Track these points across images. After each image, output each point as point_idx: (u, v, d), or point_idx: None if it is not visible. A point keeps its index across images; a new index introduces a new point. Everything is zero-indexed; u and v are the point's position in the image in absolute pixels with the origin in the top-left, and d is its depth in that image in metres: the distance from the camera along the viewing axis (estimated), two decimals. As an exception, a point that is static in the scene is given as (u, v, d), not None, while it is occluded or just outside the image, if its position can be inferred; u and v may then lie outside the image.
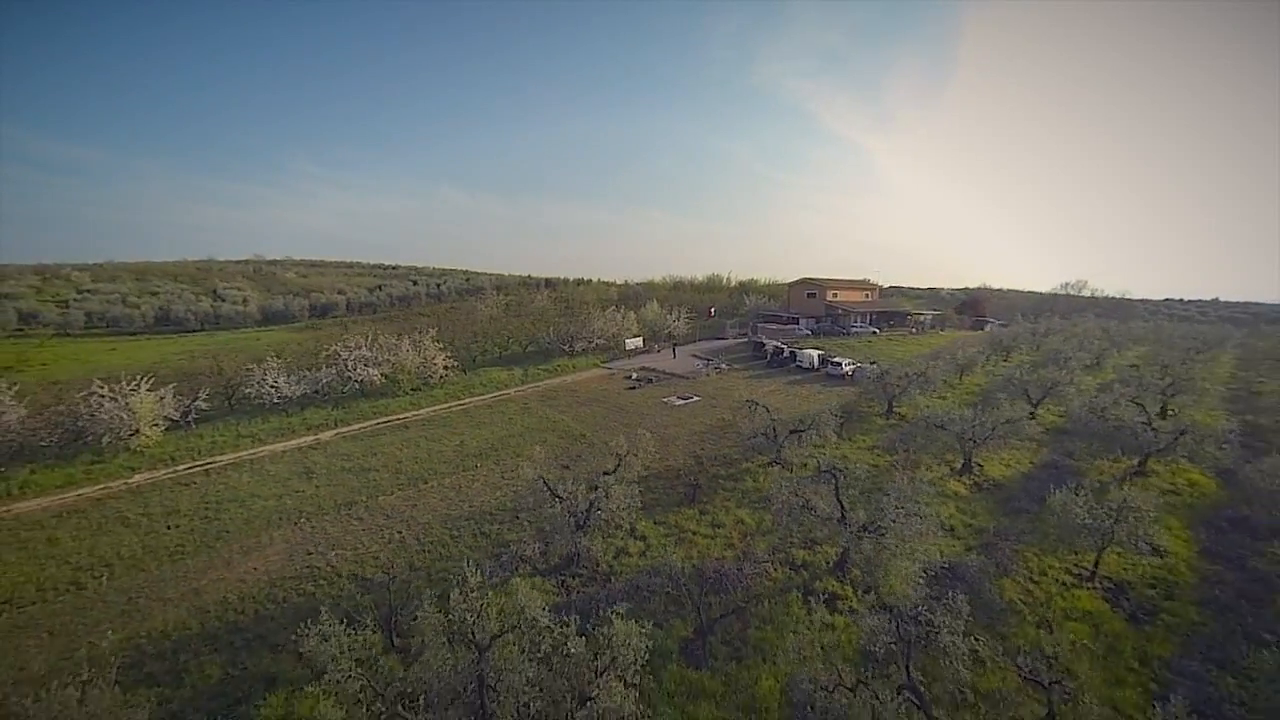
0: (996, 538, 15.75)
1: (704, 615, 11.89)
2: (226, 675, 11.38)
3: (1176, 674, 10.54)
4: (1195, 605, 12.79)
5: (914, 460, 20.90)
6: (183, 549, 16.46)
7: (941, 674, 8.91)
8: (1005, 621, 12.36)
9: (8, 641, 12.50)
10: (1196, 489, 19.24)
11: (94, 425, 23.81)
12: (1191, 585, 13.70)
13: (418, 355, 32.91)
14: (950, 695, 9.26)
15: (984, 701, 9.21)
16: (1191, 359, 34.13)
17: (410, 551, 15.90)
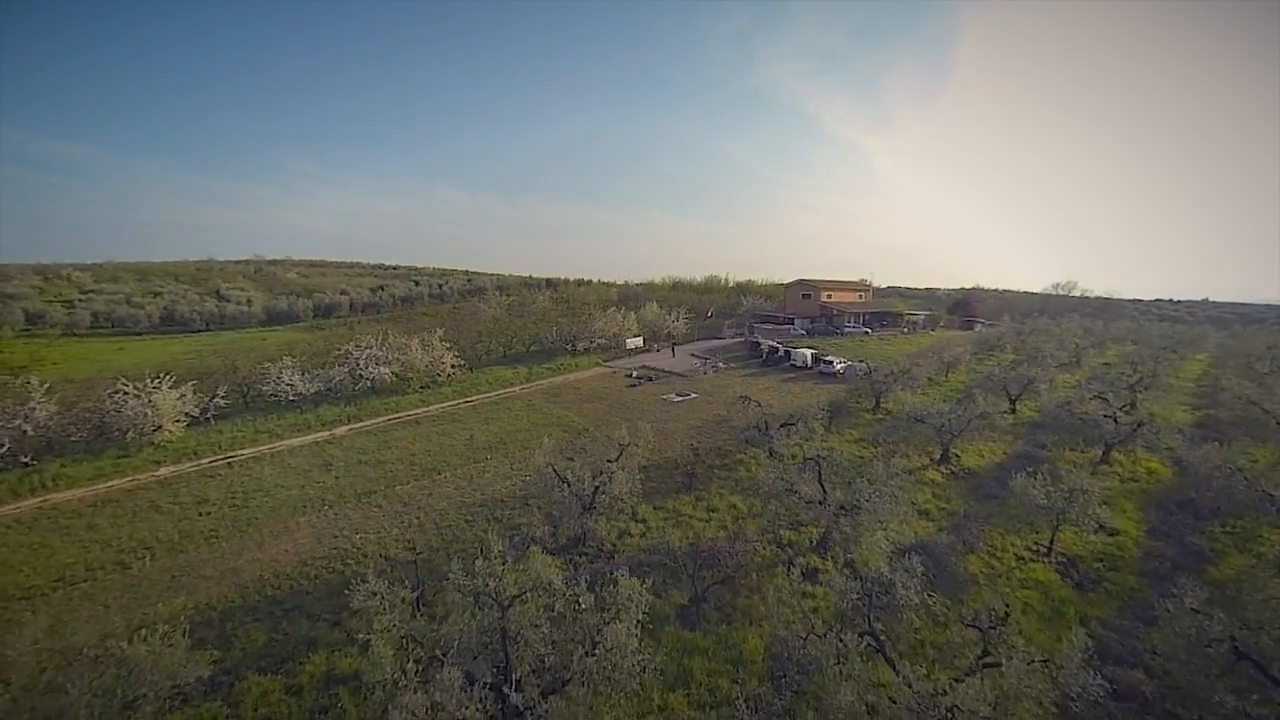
0: (966, 519, 17.25)
1: (698, 585, 13.31)
2: (271, 639, 12.72)
3: (1107, 629, 12.03)
4: (1135, 575, 14.28)
5: (895, 451, 22.38)
6: (216, 533, 17.77)
7: (900, 627, 10.35)
8: (966, 590, 13.82)
9: (70, 613, 13.82)
10: (1154, 476, 20.80)
11: (119, 421, 25.04)
12: (1135, 559, 15.20)
13: (426, 354, 34.21)
14: (908, 644, 10.69)
15: (936, 649, 10.65)
16: (1164, 358, 35.80)
17: (429, 534, 17.26)
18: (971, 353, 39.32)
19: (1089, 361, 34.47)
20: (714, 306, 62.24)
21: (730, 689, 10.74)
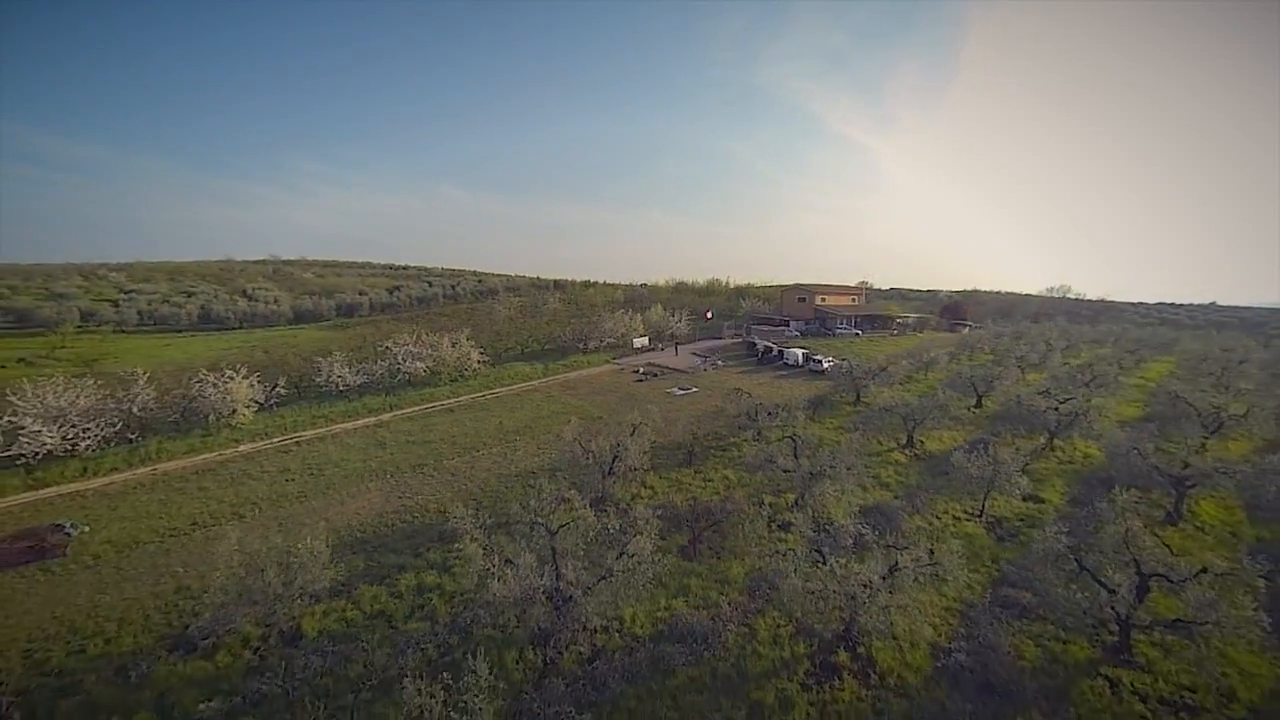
0: (918, 490, 20.92)
1: (695, 531, 17.11)
2: (369, 565, 16.61)
3: (1010, 565, 15.70)
4: (1053, 533, 17.87)
5: (868, 436, 26.05)
6: (304, 494, 21.78)
7: (844, 555, 14.04)
8: (908, 539, 17.49)
9: (214, 545, 17.83)
10: (1087, 458, 24.32)
11: (202, 406, 29.22)
12: (1050, 520, 18.79)
13: (455, 351, 38.22)
14: (843, 553, 14.39)
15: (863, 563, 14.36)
16: (1128, 360, 38.99)
17: (476, 497, 21.15)
18: (951, 354, 42.77)
19: (1054, 363, 37.78)
20: (714, 309, 65.93)
21: (718, 598, 14.52)
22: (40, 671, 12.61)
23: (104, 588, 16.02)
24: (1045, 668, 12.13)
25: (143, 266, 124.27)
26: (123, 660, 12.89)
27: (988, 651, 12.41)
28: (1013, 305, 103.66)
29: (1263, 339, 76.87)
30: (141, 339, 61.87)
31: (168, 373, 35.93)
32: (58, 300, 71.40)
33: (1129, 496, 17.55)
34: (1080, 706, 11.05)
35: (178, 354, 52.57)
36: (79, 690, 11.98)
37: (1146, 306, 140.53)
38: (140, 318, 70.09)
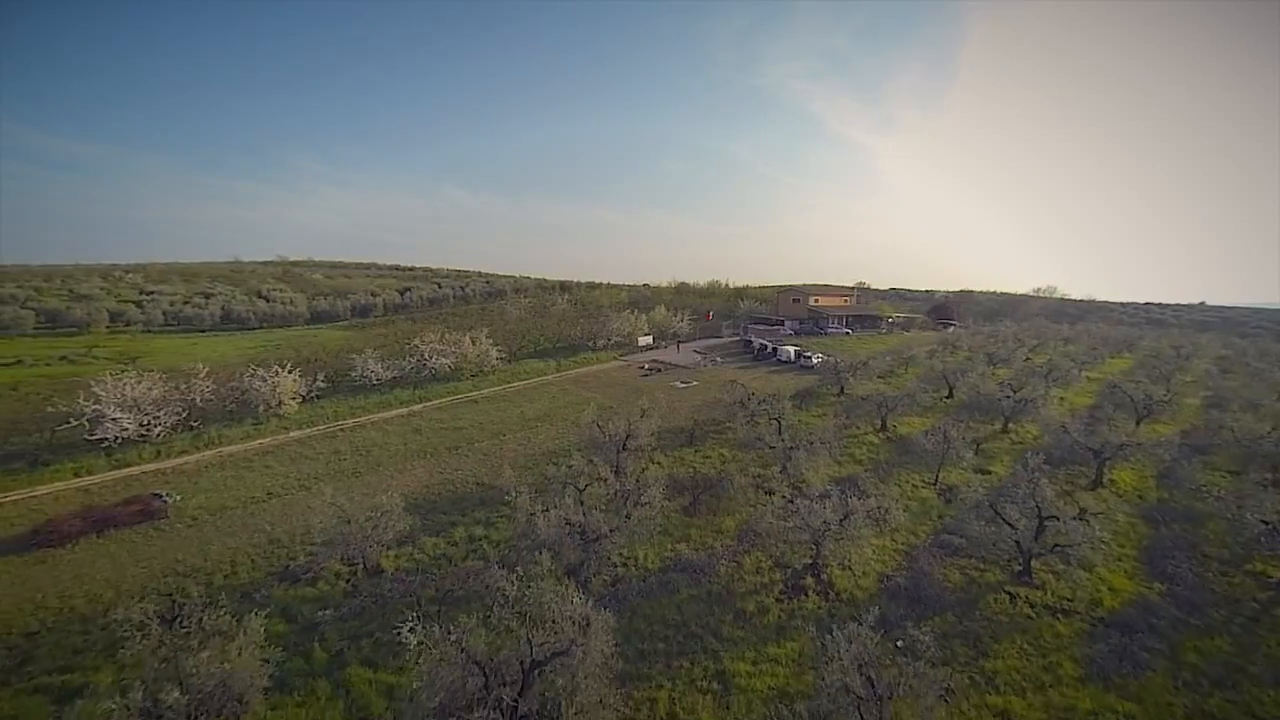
0: (885, 464, 24.47)
1: (695, 494, 20.63)
2: (424, 523, 20.01)
3: (950, 520, 19.25)
4: (987, 495, 21.42)
5: (846, 421, 29.59)
6: (357, 471, 25.25)
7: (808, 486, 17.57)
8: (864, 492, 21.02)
9: (292, 509, 21.29)
10: (1038, 440, 27.88)
11: (252, 397, 32.66)
12: (994, 488, 22.35)
13: (475, 348, 41.70)
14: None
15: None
16: (1090, 356, 42.60)
17: (507, 472, 24.63)
18: (932, 351, 46.35)
19: (1018, 358, 41.34)
20: (714, 309, 69.48)
21: (713, 543, 18.03)
22: (184, 594, 16.08)
23: (208, 540, 19.50)
24: (964, 588, 15.67)
25: (156, 268, 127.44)
26: (245, 588, 16.36)
27: (922, 577, 15.95)
28: (1003, 305, 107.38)
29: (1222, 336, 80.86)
30: (168, 339, 65.16)
31: (207, 369, 39.32)
32: (83, 301, 74.56)
33: (1066, 470, 21.16)
34: (984, 611, 14.59)
35: (208, 352, 55.85)
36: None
37: (1135, 306, 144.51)
38: (165, 318, 73.38)
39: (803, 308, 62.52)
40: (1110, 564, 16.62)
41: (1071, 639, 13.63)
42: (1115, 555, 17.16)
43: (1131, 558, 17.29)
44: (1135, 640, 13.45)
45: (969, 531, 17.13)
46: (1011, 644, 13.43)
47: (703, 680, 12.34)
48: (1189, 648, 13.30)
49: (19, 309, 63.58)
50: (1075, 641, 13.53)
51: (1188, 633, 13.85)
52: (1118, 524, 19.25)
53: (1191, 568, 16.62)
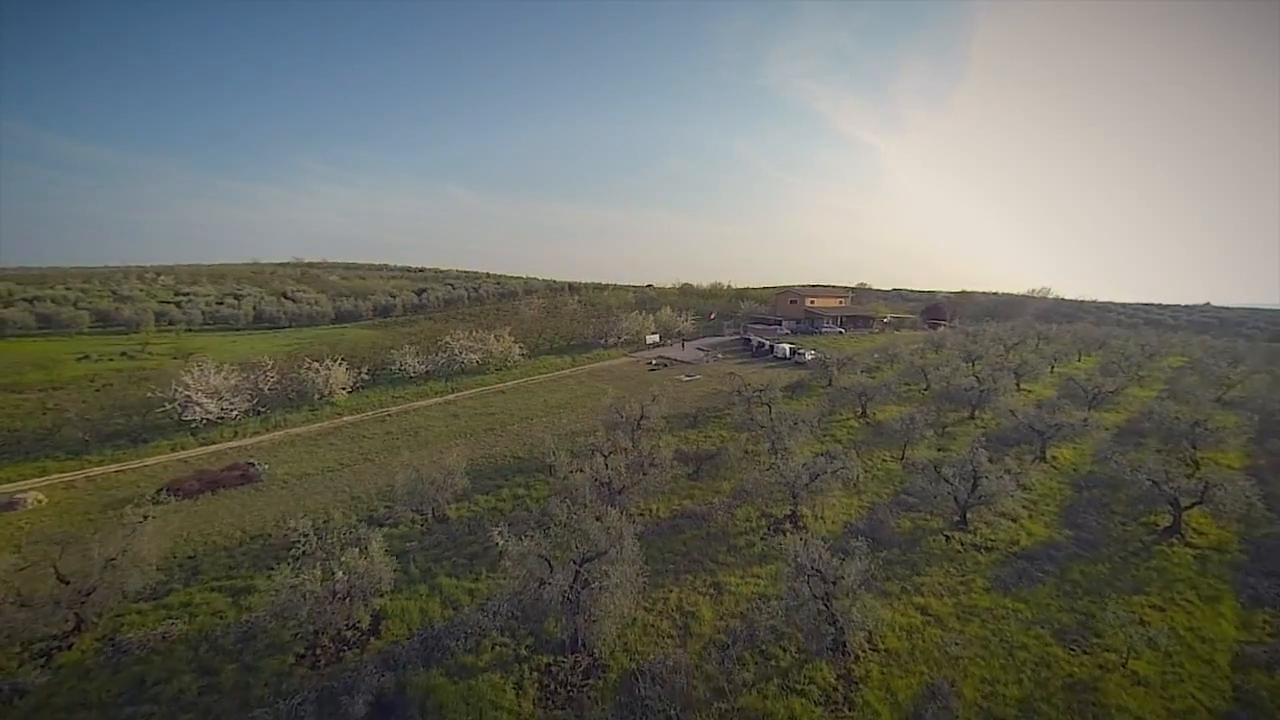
0: (861, 443, 28.54)
1: (698, 464, 24.84)
2: (476, 486, 24.36)
3: (909, 486, 23.30)
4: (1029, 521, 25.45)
5: (831, 408, 33.66)
6: (410, 447, 29.60)
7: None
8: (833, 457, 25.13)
9: (362, 475, 25.67)
10: (997, 424, 31.81)
11: (308, 387, 37.19)
12: (951, 461, 26.35)
13: (499, 345, 46.11)
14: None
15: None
16: (1062, 354, 46.34)
17: (537, 450, 28.93)
18: (917, 349, 50.24)
19: (993, 355, 45.21)
20: (716, 310, 73.60)
21: (713, 499, 22.21)
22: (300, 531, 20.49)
23: (301, 497, 23.92)
24: (911, 532, 19.76)
25: (184, 269, 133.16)
26: (343, 529, 20.71)
27: (879, 524, 20.07)
28: (999, 306, 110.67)
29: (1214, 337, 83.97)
30: (208, 337, 70.06)
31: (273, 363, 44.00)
32: (127, 302, 79.73)
33: (1016, 448, 25.27)
34: (924, 547, 18.67)
35: (247, 350, 60.57)
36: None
37: (1135, 307, 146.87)
38: (203, 317, 78.43)
39: (799, 308, 66.48)
40: (1034, 517, 20.70)
41: (987, 565, 17.71)
42: (1039, 511, 21.23)
43: (1052, 513, 21.32)
44: (1035, 565, 17.52)
45: (921, 492, 21.21)
46: (940, 568, 17.53)
47: (702, 587, 16.55)
48: (1076, 571, 17.34)
49: (75, 310, 68.66)
50: (989, 567, 17.61)
51: (1079, 562, 17.89)
52: (1047, 488, 23.32)
53: (1097, 520, 20.63)
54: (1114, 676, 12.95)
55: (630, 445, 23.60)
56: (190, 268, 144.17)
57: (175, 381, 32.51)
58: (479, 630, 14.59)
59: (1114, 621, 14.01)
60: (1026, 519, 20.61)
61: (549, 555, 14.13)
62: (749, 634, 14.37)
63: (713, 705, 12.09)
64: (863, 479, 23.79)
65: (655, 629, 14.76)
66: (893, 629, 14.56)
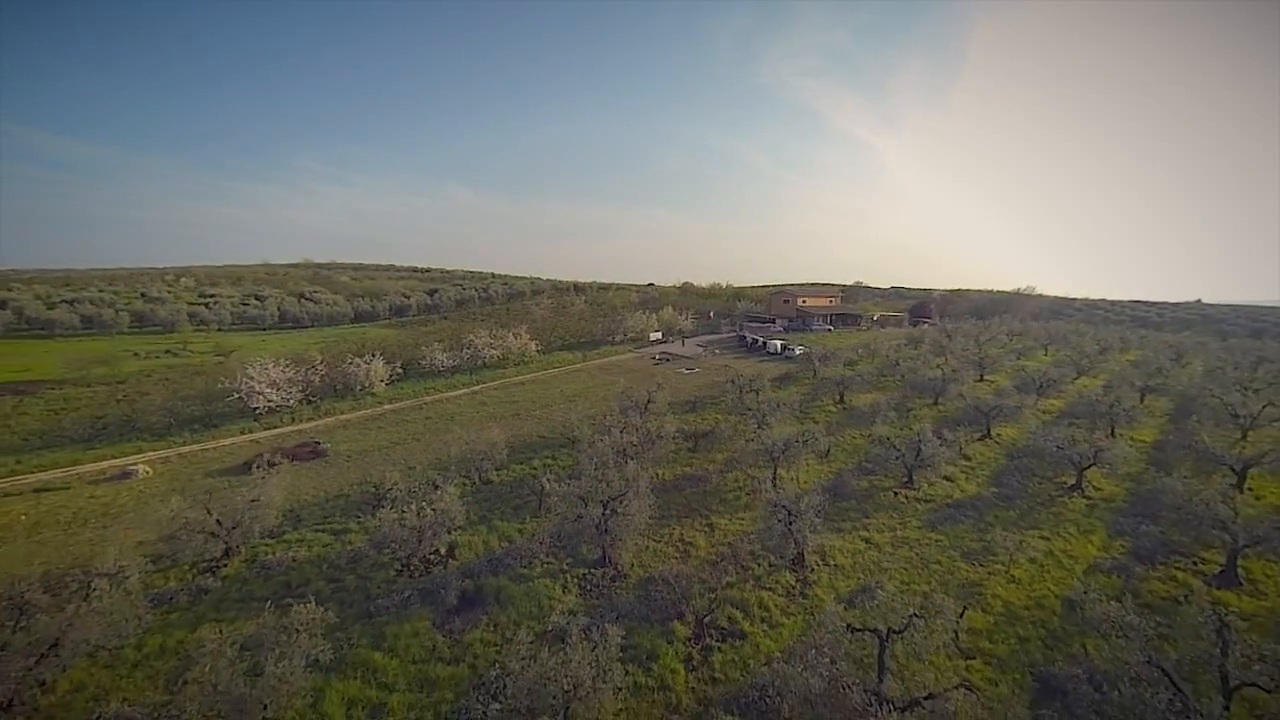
0: (836, 424, 33.38)
1: (696, 439, 29.68)
2: (511, 458, 29.20)
3: (870, 456, 28.11)
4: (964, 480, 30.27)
5: (813, 396, 38.46)
6: (449, 429, 34.42)
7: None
8: (809, 433, 29.97)
9: (413, 451, 30.49)
10: (960, 409, 36.59)
11: (351, 380, 42.00)
12: (905, 437, 31.16)
13: (517, 342, 50.93)
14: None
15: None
16: (1026, 349, 51.18)
17: (559, 430, 33.72)
18: (896, 345, 55.05)
19: (956, 349, 50.13)
20: (714, 309, 78.38)
21: (708, 467, 27.03)
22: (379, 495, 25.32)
23: (365, 468, 28.70)
24: (867, 489, 24.56)
25: (200, 270, 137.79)
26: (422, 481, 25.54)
27: (843, 483, 24.86)
28: (989, 304, 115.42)
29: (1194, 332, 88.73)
30: (240, 336, 74.91)
31: (321, 359, 48.81)
32: (156, 303, 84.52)
33: (966, 428, 30.14)
34: (875, 500, 23.47)
35: (278, 348, 65.34)
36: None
37: (1123, 304, 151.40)
38: (232, 318, 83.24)
39: (792, 307, 71.28)
40: (968, 479, 25.54)
41: (922, 512, 22.52)
42: (974, 474, 26.07)
43: (984, 475, 26.14)
44: (960, 512, 22.34)
45: (878, 459, 26.03)
46: (885, 514, 22.35)
47: (699, 526, 21.38)
48: (991, 515, 22.13)
49: (115, 312, 73.43)
50: (924, 513, 22.42)
51: (995, 509, 22.69)
52: (985, 457, 28.14)
53: (1019, 480, 25.43)
54: (996, 578, 17.77)
55: (640, 423, 28.41)
56: (206, 269, 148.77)
57: (241, 374, 37.32)
58: (530, 554, 19.42)
59: (1004, 544, 18.82)
60: (962, 480, 25.45)
61: (584, 495, 18.96)
62: (733, 555, 19.21)
63: (704, 597, 16.89)
64: (833, 451, 28.71)
65: (663, 553, 19.59)
66: (841, 551, 19.39)
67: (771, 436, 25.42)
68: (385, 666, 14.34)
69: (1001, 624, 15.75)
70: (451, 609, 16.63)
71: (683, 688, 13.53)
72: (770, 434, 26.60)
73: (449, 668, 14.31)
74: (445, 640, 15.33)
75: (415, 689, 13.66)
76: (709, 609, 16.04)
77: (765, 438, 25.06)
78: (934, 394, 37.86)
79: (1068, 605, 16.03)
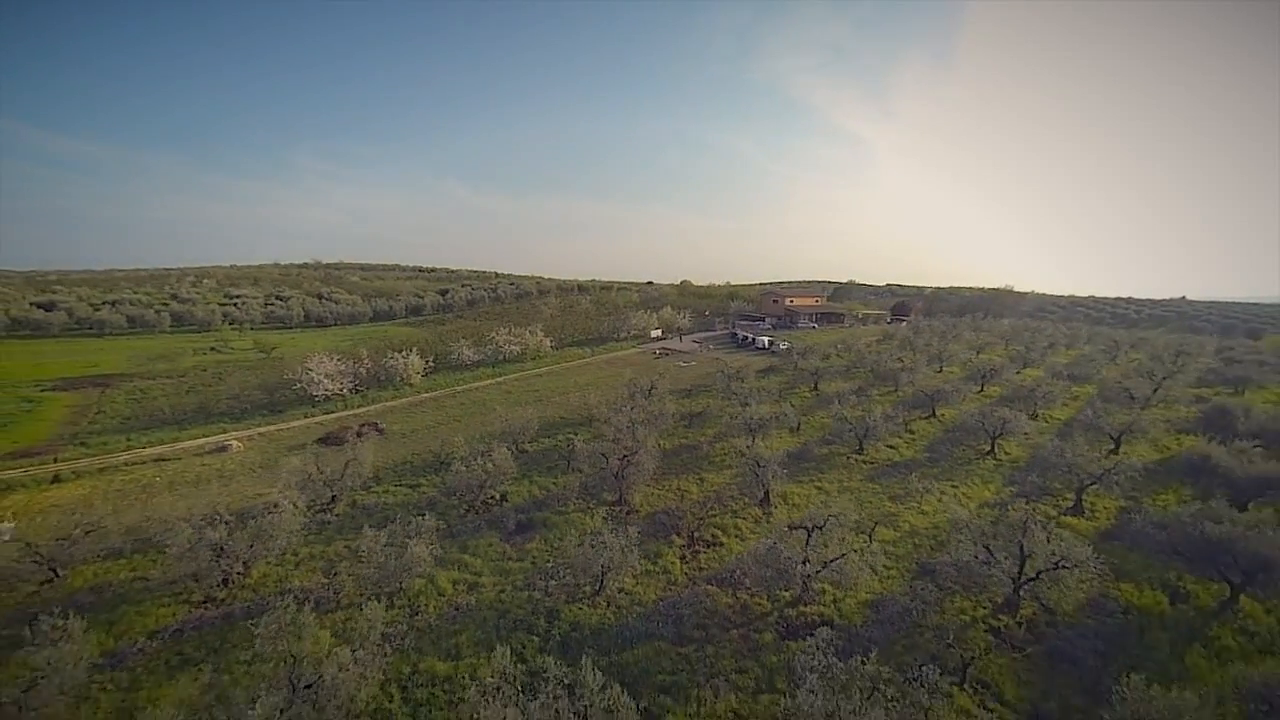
0: (807, 407, 39.80)
1: (691, 417, 36.07)
2: (539, 433, 35.51)
3: (833, 429, 34.54)
4: (904, 449, 36.70)
5: (791, 384, 44.87)
6: (483, 413, 40.74)
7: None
8: (784, 414, 36.37)
9: (455, 430, 36.81)
10: (913, 394, 43.01)
11: (392, 372, 48.24)
12: (876, 417, 37.60)
13: (534, 339, 57.21)
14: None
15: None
16: (985, 343, 57.68)
17: (577, 413, 40.01)
18: (870, 341, 61.46)
19: (921, 345, 56.67)
20: (710, 308, 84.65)
21: (700, 439, 33.41)
22: (441, 459, 31.62)
23: (418, 443, 34.99)
24: (827, 455, 30.95)
25: (215, 269, 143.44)
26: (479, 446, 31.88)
27: (808, 450, 31.25)
28: (969, 303, 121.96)
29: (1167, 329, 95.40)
30: (271, 334, 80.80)
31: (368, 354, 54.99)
32: (187, 304, 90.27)
33: (915, 410, 36.51)
34: (829, 463, 29.87)
35: (310, 345, 71.27)
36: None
37: (1105, 301, 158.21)
38: (262, 317, 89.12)
39: (780, 307, 77.59)
40: (908, 447, 31.98)
41: (866, 470, 28.91)
42: (914, 444, 32.52)
43: (921, 445, 32.57)
44: (896, 470, 28.74)
45: (837, 432, 32.41)
46: (837, 472, 28.73)
47: (692, 479, 27.75)
48: (919, 472, 28.55)
49: (156, 312, 79.30)
50: (867, 471, 28.81)
51: (923, 468, 29.11)
52: (926, 432, 34.55)
53: (948, 448, 31.85)
54: (909, 510, 24.17)
55: (645, 404, 34.74)
56: (222, 269, 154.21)
57: (302, 367, 43.55)
58: (564, 498, 25.76)
59: (919, 489, 25.24)
60: (903, 447, 31.90)
61: (605, 452, 25.32)
62: (717, 497, 25.62)
63: (694, 521, 23.25)
64: (803, 427, 35.09)
65: (665, 497, 25.96)
66: (798, 495, 25.80)
67: (752, 414, 31.80)
68: (473, 563, 20.70)
69: (905, 537, 22.18)
70: (512, 531, 23.01)
71: (678, 572, 19.92)
72: (751, 412, 32.98)
73: (517, 563, 20.68)
74: (511, 549, 21.70)
75: (495, 575, 20.00)
76: (697, 527, 22.45)
77: (747, 415, 31.45)
78: (894, 382, 44.29)
79: (953, 524, 22.42)
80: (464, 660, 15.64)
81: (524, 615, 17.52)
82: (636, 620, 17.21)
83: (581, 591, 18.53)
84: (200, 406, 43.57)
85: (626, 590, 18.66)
